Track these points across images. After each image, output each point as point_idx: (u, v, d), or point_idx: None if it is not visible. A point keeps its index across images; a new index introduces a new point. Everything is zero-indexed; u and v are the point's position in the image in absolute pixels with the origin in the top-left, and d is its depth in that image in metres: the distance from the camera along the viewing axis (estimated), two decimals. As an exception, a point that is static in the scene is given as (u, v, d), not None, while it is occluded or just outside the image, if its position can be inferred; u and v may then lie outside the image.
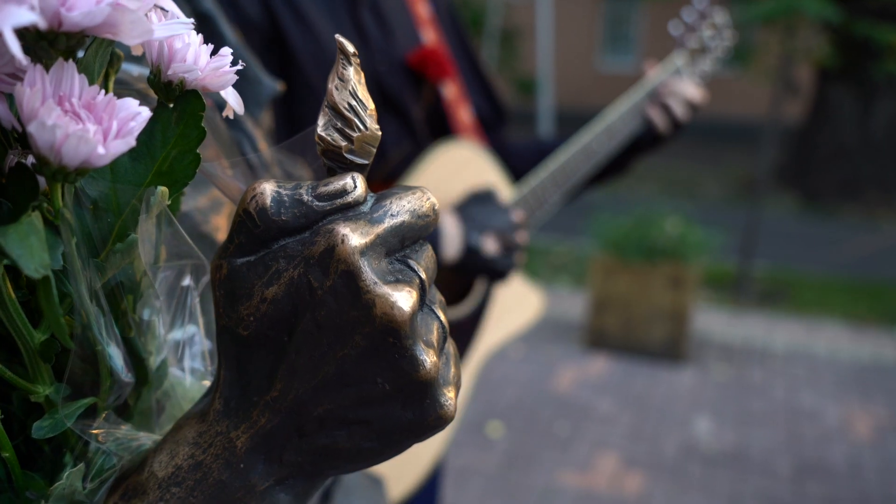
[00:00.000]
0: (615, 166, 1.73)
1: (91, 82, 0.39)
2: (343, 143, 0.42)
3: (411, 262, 0.42)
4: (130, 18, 0.33)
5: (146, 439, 0.46)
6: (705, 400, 4.51)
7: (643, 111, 1.68)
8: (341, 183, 0.40)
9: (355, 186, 0.41)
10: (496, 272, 1.47)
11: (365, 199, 0.41)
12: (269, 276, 0.40)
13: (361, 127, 0.42)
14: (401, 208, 0.42)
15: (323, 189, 0.41)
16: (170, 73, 0.39)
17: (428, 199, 0.43)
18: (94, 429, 0.42)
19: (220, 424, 0.42)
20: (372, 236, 0.40)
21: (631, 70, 16.66)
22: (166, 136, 0.40)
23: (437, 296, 0.45)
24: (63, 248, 0.36)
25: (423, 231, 0.43)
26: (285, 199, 0.40)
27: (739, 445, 4.02)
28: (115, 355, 0.41)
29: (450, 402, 0.42)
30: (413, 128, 1.51)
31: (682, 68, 1.72)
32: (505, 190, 1.59)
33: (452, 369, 0.44)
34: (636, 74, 1.84)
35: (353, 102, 0.42)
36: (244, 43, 1.28)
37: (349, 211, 0.41)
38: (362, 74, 0.43)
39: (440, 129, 1.60)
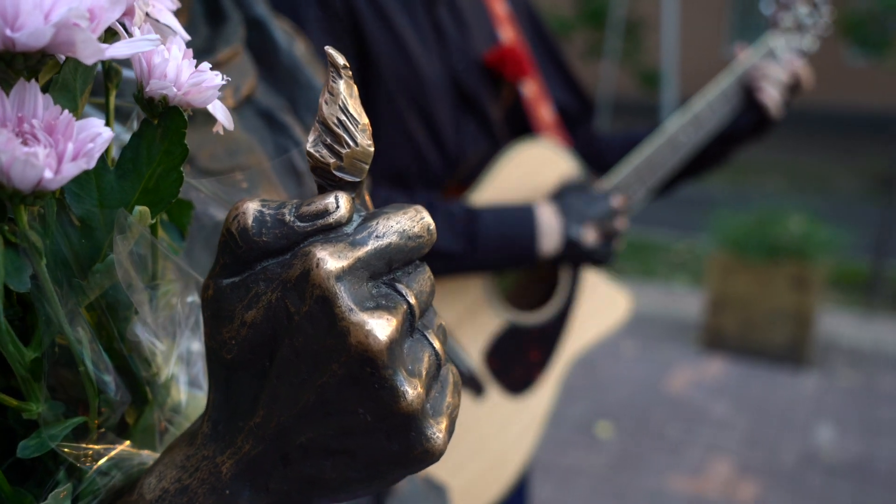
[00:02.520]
0: (711, 157, 1.65)
1: (73, 99, 0.39)
2: (331, 160, 0.40)
3: (399, 287, 0.40)
4: (81, 38, 0.32)
5: (148, 458, 0.46)
6: (829, 406, 4.31)
7: (733, 98, 1.59)
8: (323, 203, 0.39)
9: (338, 206, 0.39)
10: (596, 262, 1.44)
11: (349, 220, 0.39)
12: (249, 298, 0.39)
13: (351, 143, 0.40)
14: (388, 229, 0.39)
15: (305, 209, 0.39)
16: (148, 89, 0.38)
17: (420, 219, 0.41)
18: (85, 448, 0.42)
19: (207, 448, 0.42)
20: (351, 259, 0.38)
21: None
22: (151, 153, 0.40)
23: (434, 320, 0.43)
24: (31, 271, 0.36)
25: (414, 253, 0.41)
26: (267, 219, 0.39)
27: (864, 456, 3.81)
28: (104, 375, 0.41)
29: (437, 435, 0.40)
30: (491, 128, 1.49)
31: (776, 49, 1.62)
32: None
33: (447, 398, 0.42)
34: None
35: (343, 117, 0.40)
36: (321, 37, 1.28)
37: (331, 232, 0.39)
38: (355, 88, 0.41)
39: (520, 128, 1.57)
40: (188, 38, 0.42)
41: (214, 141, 0.65)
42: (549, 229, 1.39)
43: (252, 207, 0.39)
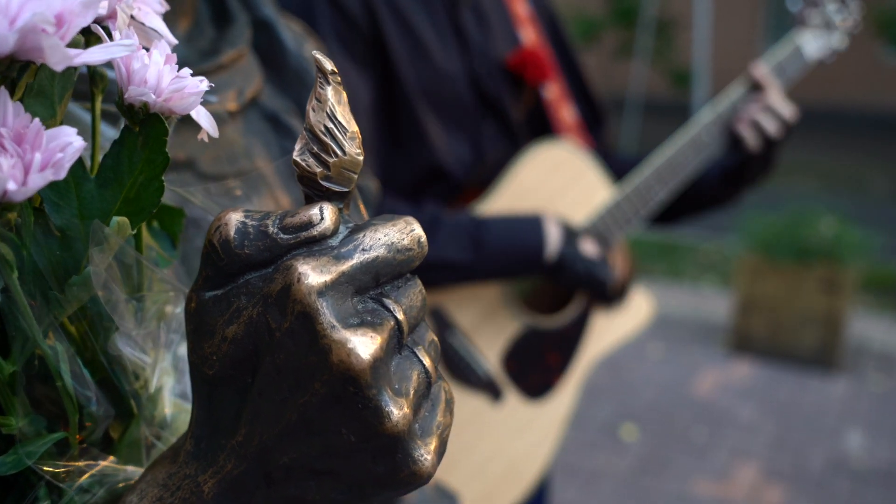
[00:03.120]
0: (714, 197, 1.61)
1: (51, 106, 0.37)
2: (318, 170, 0.39)
3: (387, 302, 0.38)
4: (49, 43, 0.30)
5: (133, 474, 0.45)
6: (859, 412, 4.24)
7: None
8: (307, 214, 0.37)
9: (322, 218, 0.37)
10: (591, 277, 1.40)
11: (334, 232, 0.38)
12: (230, 313, 0.38)
13: (339, 152, 0.39)
14: (375, 242, 0.38)
15: (289, 220, 0.37)
16: (127, 95, 0.37)
17: (410, 231, 0.39)
18: (65, 465, 0.41)
19: (189, 467, 0.40)
20: (334, 274, 0.36)
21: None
22: (133, 161, 0.38)
23: (426, 336, 0.41)
24: (2, 283, 0.35)
25: (403, 266, 0.39)
26: (250, 230, 0.37)
27: (894, 463, 3.75)
28: (85, 389, 0.40)
29: (425, 457, 0.38)
30: (512, 131, 1.47)
31: (802, 47, 1.57)
32: (604, 191, 1.51)
33: (438, 418, 0.40)
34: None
35: (331, 125, 0.39)
36: (335, 46, 1.27)
37: (315, 245, 0.37)
38: (343, 94, 0.39)
39: (541, 131, 1.55)
40: (175, 41, 0.41)
41: (217, 145, 0.63)
42: (552, 238, 1.38)
43: (235, 218, 0.38)
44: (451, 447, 1.44)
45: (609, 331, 1.56)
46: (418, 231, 0.39)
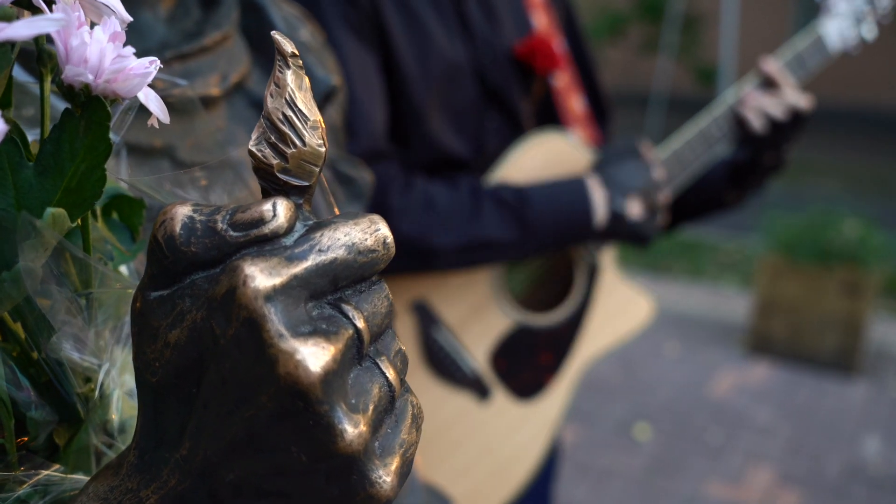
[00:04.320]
0: (719, 198, 1.56)
1: (-14, 86, 0.34)
2: (275, 161, 0.35)
3: (345, 308, 0.35)
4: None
5: (81, 483, 0.42)
6: (878, 417, 4.17)
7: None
8: (259, 210, 0.34)
9: (275, 214, 0.34)
10: (640, 237, 1.36)
11: (289, 230, 0.34)
12: (174, 316, 0.34)
13: (298, 142, 0.35)
14: (334, 242, 0.34)
15: (239, 216, 0.34)
16: (64, 75, 0.34)
17: (375, 230, 0.36)
18: (2, 473, 0.38)
19: (132, 480, 0.37)
20: (285, 277, 0.33)
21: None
22: (74, 147, 0.35)
23: (391, 345, 0.37)
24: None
25: (365, 270, 0.35)
26: (198, 226, 0.34)
27: (913, 471, 3.68)
28: (19, 393, 0.37)
29: (384, 478, 0.35)
30: (520, 122, 1.42)
31: (825, 37, 1.52)
32: None
33: (402, 435, 0.37)
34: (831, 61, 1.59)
35: (290, 113, 0.35)
36: (342, 29, 1.23)
37: (266, 244, 0.34)
38: (306, 79, 0.36)
39: (550, 121, 1.51)
40: (129, 18, 0.37)
41: (198, 131, 0.60)
42: (598, 202, 1.33)
43: (181, 212, 0.34)
44: (437, 446, 1.41)
45: (606, 330, 1.51)
46: (384, 231, 0.36)
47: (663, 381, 4.50)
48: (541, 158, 1.40)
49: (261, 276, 0.32)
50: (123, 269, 0.46)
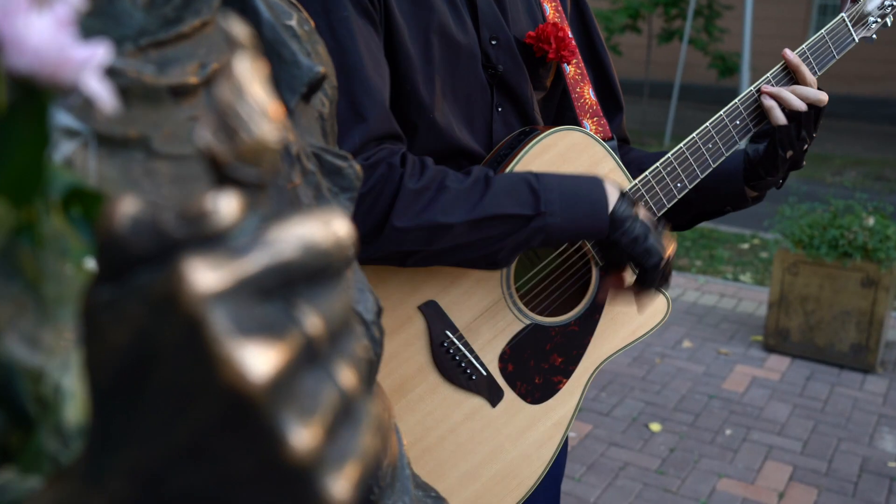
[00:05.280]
0: (735, 195, 1.52)
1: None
2: (224, 153, 0.33)
3: (296, 309, 0.32)
4: None
5: (35, 487, 0.40)
6: (896, 414, 4.12)
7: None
8: (204, 204, 0.32)
9: (221, 209, 0.32)
10: (644, 241, 1.29)
11: (237, 227, 0.32)
12: (116, 316, 0.32)
13: (247, 134, 0.33)
14: (286, 239, 0.32)
15: (184, 211, 0.32)
16: (4, 63, 0.32)
17: (330, 226, 0.33)
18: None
19: (79, 486, 0.35)
20: (229, 276, 0.31)
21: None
22: (13, 140, 0.33)
23: (352, 346, 0.35)
24: None
25: (319, 268, 0.33)
26: (142, 220, 0.32)
27: (931, 468, 3.63)
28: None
29: (338, 490, 0.33)
30: (529, 113, 1.39)
31: (851, 25, 1.50)
32: (621, 179, 1.43)
33: (360, 442, 0.35)
34: (854, 50, 1.58)
35: (240, 102, 0.33)
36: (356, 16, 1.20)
37: (212, 241, 0.32)
38: (261, 65, 0.34)
39: (560, 112, 1.48)
40: (76, 2, 0.35)
41: (176, 121, 0.58)
42: (612, 196, 1.29)
43: (127, 205, 0.32)
44: (445, 449, 1.38)
45: (620, 331, 1.47)
46: (342, 231, 0.34)
47: (677, 377, 4.46)
48: (559, 153, 1.36)
49: (202, 276, 0.30)
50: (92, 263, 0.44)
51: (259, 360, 0.30)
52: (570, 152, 1.36)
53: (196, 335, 0.30)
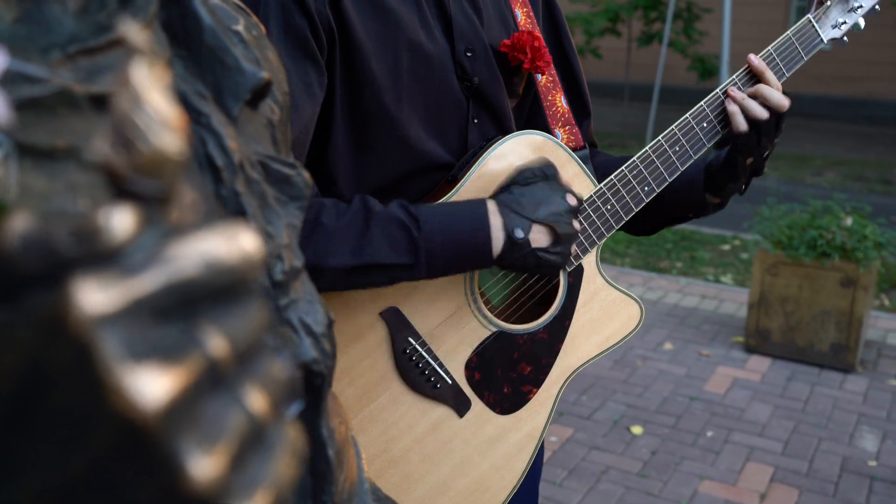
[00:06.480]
0: (697, 200, 1.51)
1: None
2: (121, 165, 0.31)
3: (198, 331, 0.31)
4: None
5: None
6: (877, 414, 4.13)
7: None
8: (96, 220, 0.30)
9: (114, 226, 0.30)
10: (545, 266, 1.27)
11: (132, 243, 0.30)
12: (4, 338, 0.31)
13: (146, 144, 0.31)
14: (186, 257, 0.30)
15: (76, 226, 0.30)
16: None
17: (235, 241, 0.32)
18: None
19: None
20: (122, 296, 0.29)
21: (826, 49, 15.53)
22: None
23: (264, 369, 0.33)
24: None
25: (224, 286, 0.32)
26: (33, 235, 0.30)
27: (912, 467, 3.64)
28: None
29: None
30: (506, 123, 1.38)
31: (818, 27, 1.50)
32: (584, 184, 1.40)
33: (272, 469, 0.33)
34: (833, 52, 1.59)
35: (138, 111, 0.31)
36: (279, 29, 1.18)
37: (105, 259, 0.30)
38: (162, 73, 0.32)
39: (530, 120, 1.46)
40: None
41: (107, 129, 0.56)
42: (496, 228, 1.24)
43: (21, 220, 0.30)
44: (411, 462, 1.35)
45: (592, 339, 1.44)
46: (249, 246, 0.32)
47: (658, 379, 4.46)
48: (519, 157, 1.34)
49: (91, 297, 0.28)
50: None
51: (152, 385, 0.28)
52: (532, 157, 1.34)
53: (85, 360, 0.28)
